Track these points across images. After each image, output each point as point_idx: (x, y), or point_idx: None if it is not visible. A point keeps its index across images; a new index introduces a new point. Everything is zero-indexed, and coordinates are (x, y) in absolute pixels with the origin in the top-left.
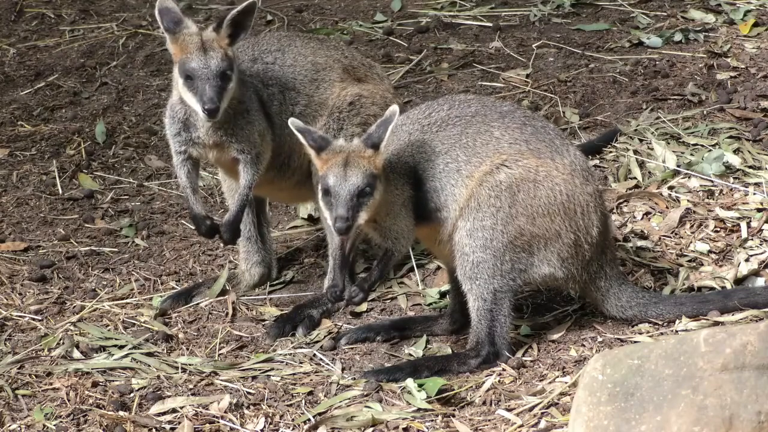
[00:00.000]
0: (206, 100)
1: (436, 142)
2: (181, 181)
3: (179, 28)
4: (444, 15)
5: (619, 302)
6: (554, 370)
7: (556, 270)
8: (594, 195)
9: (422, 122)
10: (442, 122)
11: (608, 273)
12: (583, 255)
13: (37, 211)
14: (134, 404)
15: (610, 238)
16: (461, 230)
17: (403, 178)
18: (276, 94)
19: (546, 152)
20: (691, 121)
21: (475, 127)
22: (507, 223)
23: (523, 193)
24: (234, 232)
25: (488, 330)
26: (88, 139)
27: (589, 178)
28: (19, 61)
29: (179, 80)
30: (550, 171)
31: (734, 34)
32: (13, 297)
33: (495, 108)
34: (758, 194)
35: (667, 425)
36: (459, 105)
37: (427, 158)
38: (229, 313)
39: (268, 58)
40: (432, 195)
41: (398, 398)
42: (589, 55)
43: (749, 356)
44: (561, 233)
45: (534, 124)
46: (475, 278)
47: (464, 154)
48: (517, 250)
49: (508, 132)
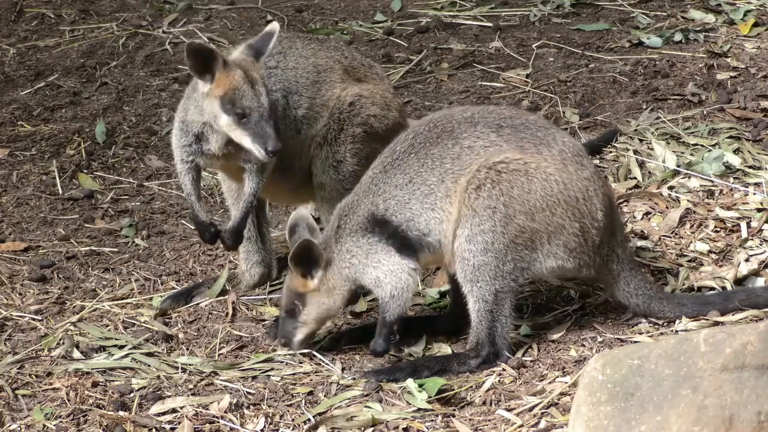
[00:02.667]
0: (272, 141)
1: (398, 176)
2: (185, 188)
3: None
4: (444, 15)
5: (627, 287)
6: (554, 370)
7: (565, 262)
8: (591, 178)
9: (385, 162)
10: (404, 153)
11: (620, 256)
12: (592, 241)
13: (37, 211)
14: (134, 404)
15: (617, 218)
16: (460, 237)
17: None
18: (279, 99)
19: (530, 147)
20: (691, 121)
21: (441, 146)
22: (506, 223)
23: (516, 189)
24: (237, 239)
25: (488, 330)
26: (88, 139)
27: (583, 162)
28: (19, 61)
29: (223, 116)
30: (539, 163)
31: (734, 34)
32: (13, 297)
33: (465, 120)
34: (758, 194)
35: (667, 425)
36: (423, 130)
37: (390, 196)
38: (229, 313)
39: (271, 62)
40: (409, 224)
41: (398, 398)
42: (589, 55)
43: (749, 356)
44: (564, 224)
45: (512, 123)
46: (477, 281)
47: (434, 176)
48: (519, 248)
49: (481, 138)
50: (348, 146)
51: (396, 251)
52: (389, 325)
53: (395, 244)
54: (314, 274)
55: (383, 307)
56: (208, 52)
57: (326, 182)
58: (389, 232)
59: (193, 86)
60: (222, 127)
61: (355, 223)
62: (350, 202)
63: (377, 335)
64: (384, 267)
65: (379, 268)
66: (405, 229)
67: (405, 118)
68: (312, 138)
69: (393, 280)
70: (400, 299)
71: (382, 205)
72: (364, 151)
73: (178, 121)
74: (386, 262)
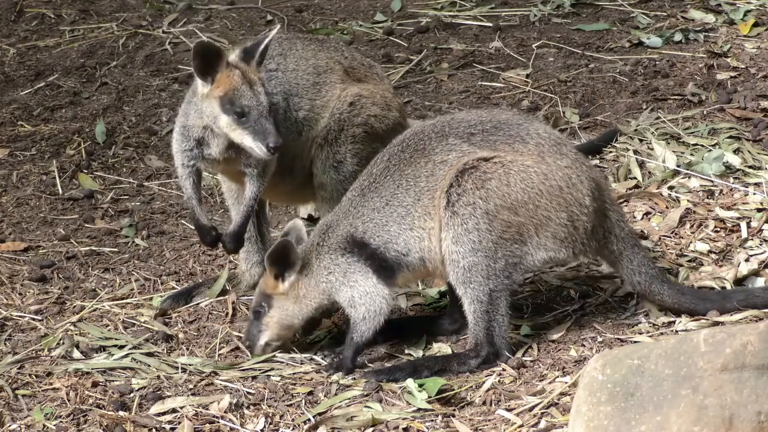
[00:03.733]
0: (272, 136)
1: (375, 200)
2: (186, 192)
3: (219, 66)
4: (444, 15)
5: (630, 264)
6: (554, 370)
7: (557, 252)
8: (573, 166)
9: (363, 185)
10: (380, 176)
11: (618, 235)
12: (584, 227)
13: (37, 211)
14: (134, 404)
15: (609, 198)
16: (446, 240)
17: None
18: (280, 102)
19: (503, 146)
20: (691, 121)
21: (414, 166)
22: (490, 219)
23: (494, 182)
24: (238, 243)
25: (486, 331)
26: (88, 139)
27: (561, 150)
28: (19, 61)
29: (223, 117)
30: (514, 157)
31: (734, 34)
32: (13, 297)
33: (435, 135)
34: (758, 194)
35: (667, 425)
36: (397, 151)
37: (368, 219)
38: (229, 313)
39: (271, 65)
40: (387, 246)
41: (398, 398)
42: (589, 55)
43: (749, 356)
44: (550, 215)
45: (483, 128)
46: (469, 282)
47: (410, 196)
48: (507, 244)
49: (453, 150)
50: (348, 146)
51: (373, 273)
52: (355, 346)
53: (373, 265)
54: (287, 277)
55: (353, 327)
56: (215, 52)
57: (327, 182)
58: (367, 253)
59: (193, 90)
60: (222, 128)
61: (335, 241)
62: (330, 221)
63: (345, 353)
64: (360, 288)
65: (356, 289)
66: (383, 251)
67: (405, 117)
68: (313, 139)
69: (367, 302)
70: (372, 322)
71: (361, 227)
72: (365, 151)
73: (179, 125)
74: (363, 283)
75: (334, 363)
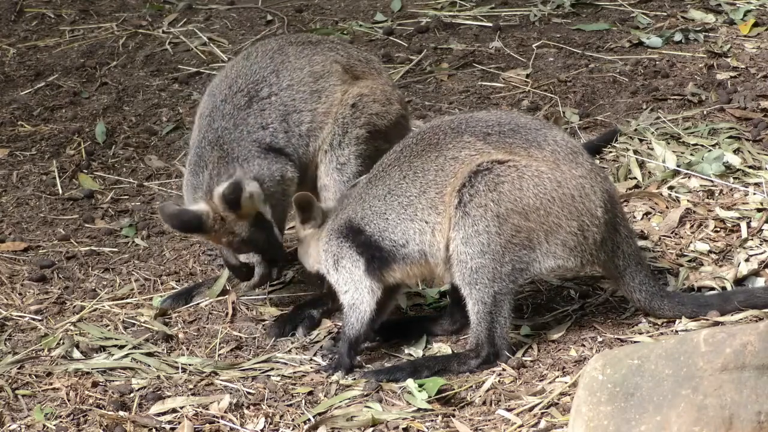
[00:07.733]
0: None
1: (379, 187)
2: None
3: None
4: (444, 15)
5: (632, 282)
6: (554, 370)
7: (566, 261)
8: (588, 176)
9: (372, 174)
10: (390, 166)
11: (625, 251)
12: (593, 238)
13: (37, 211)
14: (134, 404)
15: (621, 213)
16: (455, 240)
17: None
18: (278, 128)
19: (519, 150)
20: (691, 121)
21: (424, 158)
22: (500, 223)
23: (507, 185)
24: (266, 282)
25: (488, 332)
26: (88, 139)
27: (578, 160)
28: (19, 61)
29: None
30: (529, 162)
31: (734, 34)
32: (13, 297)
33: (451, 130)
34: (758, 194)
35: (667, 425)
36: (411, 143)
37: (368, 206)
38: (229, 313)
39: (263, 91)
40: (383, 234)
41: (398, 398)
42: (589, 55)
43: (749, 356)
44: (561, 223)
45: (501, 130)
46: (475, 283)
47: (415, 187)
48: (516, 249)
49: (466, 147)
50: (352, 148)
51: (364, 264)
52: (348, 339)
53: (365, 254)
54: (306, 227)
55: (344, 317)
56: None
57: (330, 184)
58: (361, 240)
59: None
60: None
61: (336, 225)
62: (340, 207)
63: (340, 349)
64: (346, 274)
65: (342, 274)
66: (378, 240)
67: (406, 108)
68: (319, 147)
69: (351, 289)
70: (358, 312)
71: (360, 213)
72: (368, 150)
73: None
74: (350, 271)
75: (333, 362)
